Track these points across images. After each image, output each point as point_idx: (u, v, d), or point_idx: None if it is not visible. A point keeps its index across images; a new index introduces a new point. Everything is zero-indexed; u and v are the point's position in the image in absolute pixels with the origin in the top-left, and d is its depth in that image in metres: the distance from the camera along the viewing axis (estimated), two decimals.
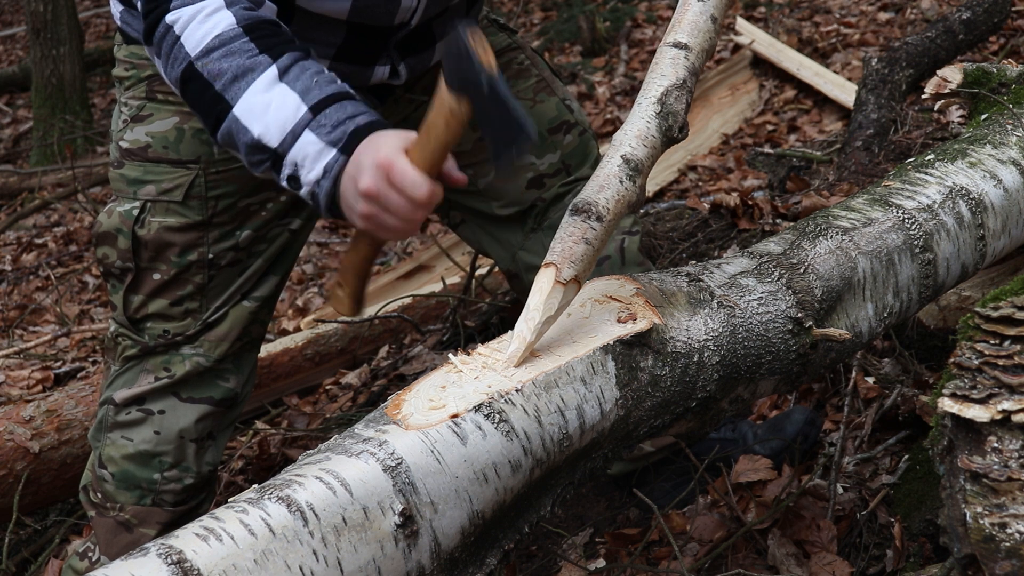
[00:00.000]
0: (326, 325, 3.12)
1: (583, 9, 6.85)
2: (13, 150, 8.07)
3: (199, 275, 1.79)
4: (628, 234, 1.94)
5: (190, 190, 1.76)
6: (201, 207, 1.76)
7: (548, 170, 1.94)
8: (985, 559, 1.09)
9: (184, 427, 1.83)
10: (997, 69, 1.82)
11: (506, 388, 1.00)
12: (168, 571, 0.81)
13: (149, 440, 1.83)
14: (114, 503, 1.86)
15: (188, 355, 1.82)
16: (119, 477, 1.85)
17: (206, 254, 1.78)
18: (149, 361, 1.83)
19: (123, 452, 1.84)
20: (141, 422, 1.83)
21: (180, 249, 1.77)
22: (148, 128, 1.77)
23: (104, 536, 1.88)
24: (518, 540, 1.07)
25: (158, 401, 1.83)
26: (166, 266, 1.78)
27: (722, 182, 4.30)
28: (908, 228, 1.39)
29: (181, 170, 1.76)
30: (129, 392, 1.83)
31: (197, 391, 1.84)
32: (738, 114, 5.20)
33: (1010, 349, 1.11)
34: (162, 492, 1.85)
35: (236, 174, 1.76)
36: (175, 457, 1.85)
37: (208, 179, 1.76)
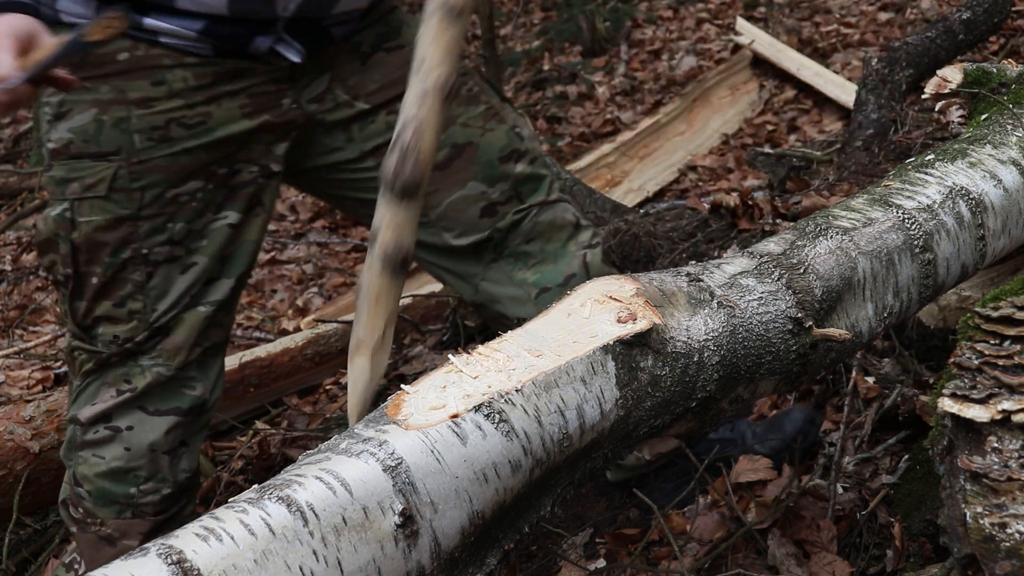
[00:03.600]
0: (326, 325, 3.12)
1: (583, 9, 6.85)
2: (13, 150, 8.07)
3: (136, 272, 1.74)
4: (589, 248, 1.93)
5: (113, 183, 1.70)
6: (127, 200, 1.71)
7: (500, 198, 1.90)
8: (985, 559, 1.09)
9: (154, 440, 1.80)
10: (997, 69, 1.82)
11: (506, 388, 1.00)
12: (168, 571, 0.81)
13: (120, 457, 1.80)
14: (95, 518, 1.84)
15: (147, 366, 1.78)
16: (96, 495, 1.83)
17: (140, 250, 1.73)
18: (108, 374, 1.79)
19: (96, 470, 1.81)
20: (110, 440, 1.80)
21: (113, 247, 1.72)
22: (69, 124, 1.72)
23: (88, 551, 1.87)
24: (518, 540, 1.07)
25: (125, 417, 1.79)
26: (101, 267, 1.73)
27: (722, 182, 4.30)
28: (908, 228, 1.39)
29: (103, 163, 1.70)
30: (94, 409, 1.79)
31: (164, 403, 1.81)
32: (738, 114, 5.20)
33: (1010, 349, 1.11)
34: (141, 505, 1.83)
35: (161, 163, 1.72)
36: (149, 470, 1.82)
37: (131, 170, 1.71)
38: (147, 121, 1.69)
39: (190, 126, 1.72)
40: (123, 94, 1.69)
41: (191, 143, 1.72)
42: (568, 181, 3.53)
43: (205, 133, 1.73)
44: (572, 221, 1.95)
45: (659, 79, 6.05)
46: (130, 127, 1.69)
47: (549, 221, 1.92)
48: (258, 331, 3.74)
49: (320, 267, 4.64)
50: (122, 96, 1.69)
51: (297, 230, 5.22)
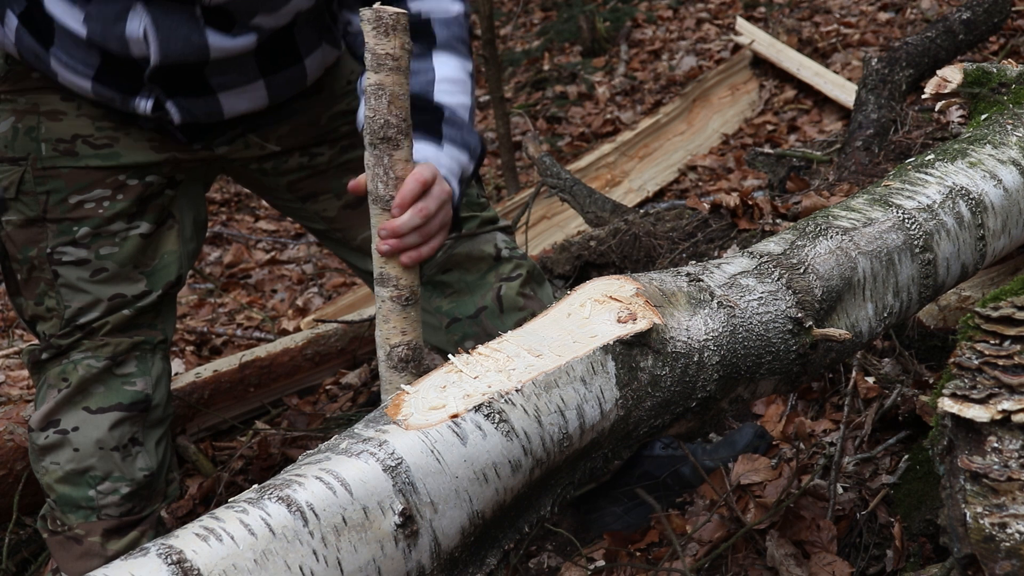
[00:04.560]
0: (326, 325, 3.12)
1: (583, 9, 6.85)
2: None
3: (44, 271, 1.83)
4: (506, 280, 1.94)
5: (21, 186, 1.80)
6: (33, 203, 1.80)
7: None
8: (985, 559, 1.09)
9: (100, 438, 1.85)
10: (997, 69, 1.82)
11: (506, 388, 1.00)
12: (168, 571, 0.81)
13: (72, 459, 1.85)
14: (64, 525, 1.89)
15: (78, 360, 1.85)
16: (60, 502, 1.88)
17: (45, 249, 1.81)
18: (49, 375, 1.87)
19: (55, 477, 1.87)
20: (60, 444, 1.85)
21: (22, 244, 1.82)
22: None
23: (59, 552, 1.92)
24: (518, 540, 1.07)
25: (70, 418, 1.85)
26: (19, 265, 1.84)
27: (722, 182, 4.30)
28: (908, 228, 1.39)
29: (14, 167, 1.80)
30: (41, 412, 1.86)
31: (104, 400, 1.86)
32: (738, 114, 5.20)
33: (1010, 349, 1.11)
34: (103, 507, 1.88)
35: (64, 172, 1.80)
36: (103, 469, 1.86)
37: (35, 175, 1.79)
38: (55, 132, 1.79)
39: (96, 146, 1.80)
40: (35, 106, 1.79)
41: (95, 162, 1.80)
42: (568, 181, 3.53)
43: (111, 157, 1.81)
44: (492, 253, 1.95)
45: (659, 79, 6.05)
46: (39, 136, 1.78)
47: (466, 253, 1.94)
48: (258, 331, 3.74)
49: (320, 267, 4.64)
50: (35, 107, 1.78)
51: (297, 230, 5.21)
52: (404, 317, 1.33)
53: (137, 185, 1.83)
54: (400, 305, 1.32)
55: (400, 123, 1.30)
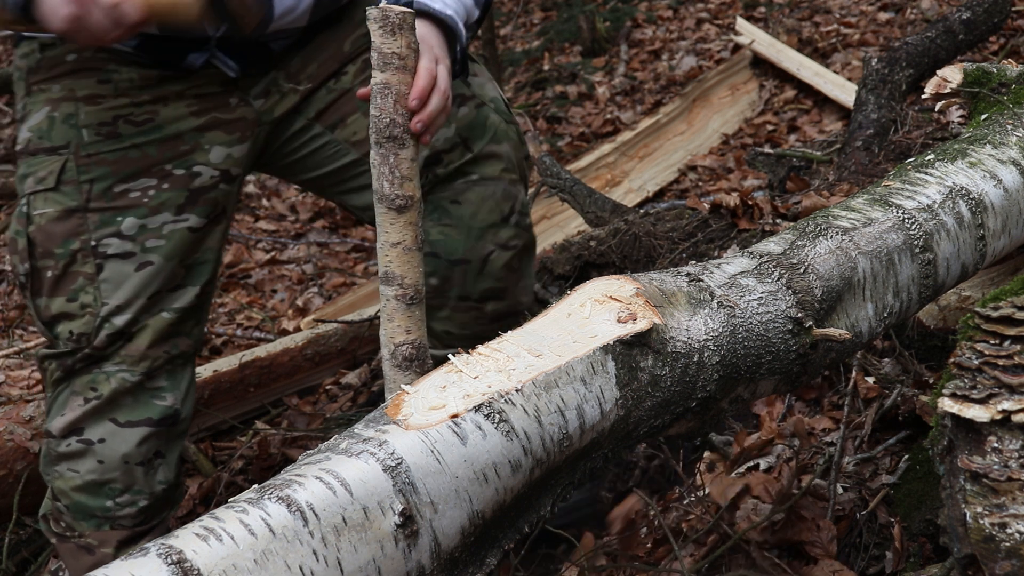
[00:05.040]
0: (326, 325, 3.12)
1: (583, 9, 6.85)
2: (13, 150, 8.06)
3: (86, 265, 1.76)
4: (500, 247, 1.92)
5: (62, 175, 1.74)
6: (75, 192, 1.75)
7: (444, 145, 1.89)
8: (985, 559, 1.09)
9: (127, 452, 1.80)
10: (997, 69, 1.82)
11: (506, 388, 1.00)
12: (168, 571, 0.81)
13: (95, 470, 1.80)
14: (74, 531, 1.84)
15: (112, 372, 1.78)
16: (73, 508, 1.83)
17: (88, 241, 1.75)
18: (75, 382, 1.79)
19: (72, 484, 1.81)
20: (83, 453, 1.80)
21: (62, 238, 1.75)
22: (29, 124, 1.78)
23: (69, 560, 1.88)
24: (518, 540, 1.07)
25: (96, 429, 1.79)
26: (54, 260, 1.75)
27: (722, 182, 4.30)
28: (908, 228, 1.39)
29: (53, 157, 1.75)
30: (64, 420, 1.79)
31: (134, 414, 1.80)
32: (738, 114, 5.20)
33: (1010, 349, 1.11)
34: (118, 517, 1.83)
35: (108, 157, 1.75)
36: (124, 483, 1.82)
37: (79, 163, 1.74)
38: (95, 117, 1.74)
39: (138, 123, 1.76)
40: (72, 91, 1.75)
41: (139, 139, 1.76)
42: (568, 181, 3.53)
43: (154, 130, 1.76)
44: (504, 213, 1.92)
45: (659, 79, 6.05)
46: (79, 122, 1.74)
47: (484, 195, 1.90)
48: (258, 331, 3.74)
49: (320, 267, 4.64)
50: (71, 93, 1.75)
51: (297, 230, 5.21)
52: (408, 316, 1.33)
53: (184, 175, 1.79)
54: (404, 304, 1.32)
55: (406, 122, 1.30)
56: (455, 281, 1.93)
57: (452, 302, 1.95)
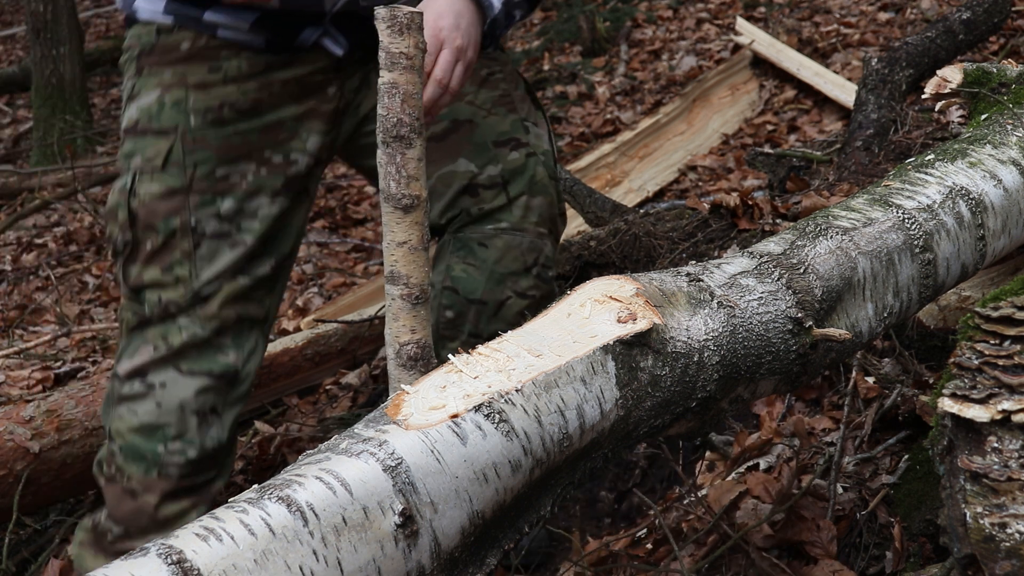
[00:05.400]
0: (326, 325, 3.12)
1: (583, 9, 6.85)
2: (13, 150, 8.07)
3: (184, 241, 1.86)
4: (518, 296, 1.97)
5: (169, 156, 1.85)
6: (180, 173, 1.85)
7: (485, 181, 1.95)
8: (985, 559, 1.09)
9: (184, 398, 1.88)
10: (997, 69, 1.81)
11: (506, 388, 1.00)
12: (168, 571, 0.81)
13: (151, 412, 1.89)
14: (123, 474, 1.93)
15: (184, 326, 1.88)
16: (126, 449, 1.91)
17: (188, 220, 1.85)
18: (148, 331, 1.90)
19: (128, 425, 1.90)
20: (144, 395, 1.89)
21: (165, 215, 1.85)
22: (138, 104, 1.88)
23: (112, 501, 1.96)
24: (518, 540, 1.07)
25: (159, 374, 1.89)
26: (155, 234, 1.86)
27: (722, 182, 4.30)
28: (908, 228, 1.39)
29: (161, 139, 1.85)
30: (131, 364, 1.90)
31: (196, 363, 1.89)
32: (738, 114, 5.20)
33: (1010, 349, 1.11)
34: (167, 464, 1.91)
35: (212, 142, 1.85)
36: (177, 429, 1.90)
37: (184, 145, 1.84)
38: (203, 103, 1.84)
39: (242, 111, 1.86)
40: (183, 78, 1.85)
41: (242, 126, 1.86)
42: (568, 181, 3.53)
43: (256, 117, 1.87)
44: (527, 264, 1.98)
45: (659, 79, 6.05)
46: (187, 107, 1.84)
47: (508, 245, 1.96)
48: None
49: (320, 267, 4.64)
50: (182, 80, 1.85)
51: None
52: (414, 315, 1.33)
53: (281, 162, 1.89)
54: (410, 303, 1.33)
55: (413, 122, 1.31)
56: (469, 319, 1.98)
57: (464, 336, 2.01)
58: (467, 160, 1.94)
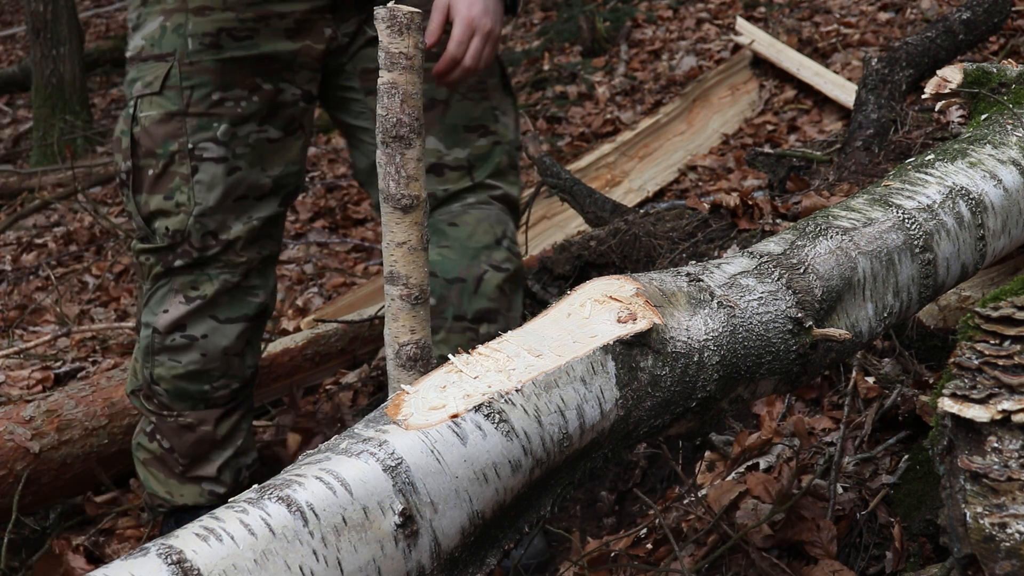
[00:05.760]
0: (326, 325, 3.12)
1: (583, 9, 6.85)
2: (13, 150, 8.06)
3: (183, 166, 1.92)
4: (494, 269, 2.01)
5: (166, 80, 1.90)
6: (177, 97, 1.90)
7: (452, 162, 2.03)
8: (985, 559, 1.09)
9: (227, 345, 2.02)
10: (997, 69, 1.81)
11: (506, 388, 1.00)
12: (168, 571, 0.81)
13: (197, 361, 2.02)
14: (171, 411, 2.06)
15: (214, 274, 1.98)
16: (173, 392, 2.04)
17: (186, 144, 1.91)
18: (175, 280, 1.99)
19: (174, 372, 2.02)
20: (187, 347, 2.01)
21: (163, 139, 1.91)
22: (142, 32, 1.94)
23: (171, 435, 2.09)
24: (518, 540, 1.07)
25: (198, 325, 2.00)
26: (154, 159, 1.92)
27: (722, 182, 4.30)
28: (908, 228, 1.39)
29: (160, 63, 1.91)
30: (167, 317, 1.99)
31: (233, 311, 2.02)
32: (738, 114, 5.20)
33: (1010, 349, 1.11)
34: (214, 398, 2.06)
35: (208, 66, 1.91)
36: (222, 370, 2.04)
37: (182, 70, 1.90)
38: (201, 27, 1.90)
39: (238, 38, 1.91)
40: (184, 3, 1.90)
41: (238, 53, 1.92)
42: (568, 181, 3.53)
43: (251, 47, 1.92)
44: (497, 235, 2.03)
45: (659, 79, 6.05)
46: (186, 32, 1.90)
47: (477, 219, 2.03)
48: None
49: (320, 267, 4.64)
50: (183, 5, 1.90)
51: (297, 230, 5.22)
52: (413, 316, 1.33)
53: (271, 90, 1.96)
54: (409, 303, 1.33)
55: (412, 122, 1.31)
56: (451, 300, 2.01)
57: (448, 323, 2.02)
58: (436, 139, 2.01)
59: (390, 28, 1.28)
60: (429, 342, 1.36)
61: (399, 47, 1.28)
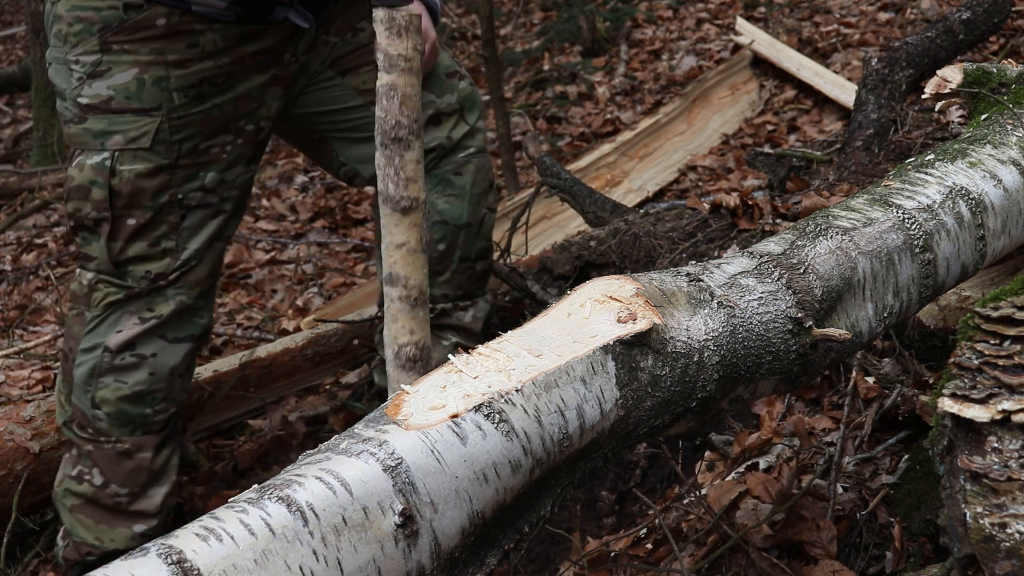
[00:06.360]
0: (326, 325, 3.11)
1: (583, 9, 6.85)
2: (13, 150, 8.06)
3: (171, 215, 1.95)
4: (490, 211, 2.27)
5: (156, 136, 1.90)
6: (167, 151, 1.92)
7: (446, 108, 2.20)
8: (985, 559, 1.09)
9: (175, 365, 2.04)
10: (997, 69, 1.81)
11: (506, 388, 1.00)
12: (168, 571, 0.81)
13: (144, 381, 2.02)
14: (108, 437, 2.04)
15: (171, 295, 2.00)
16: (114, 416, 2.03)
17: (176, 195, 1.94)
18: (132, 304, 2.00)
19: (119, 394, 2.02)
20: (136, 366, 2.01)
21: (152, 193, 1.93)
22: (108, 82, 1.89)
23: (107, 465, 2.07)
24: (518, 540, 1.07)
25: (149, 345, 2.01)
26: (140, 211, 1.94)
27: (722, 182, 4.30)
28: (908, 228, 1.39)
29: (146, 118, 1.90)
30: (120, 337, 2.00)
31: (181, 331, 2.04)
32: (738, 114, 5.20)
33: (1010, 349, 1.11)
34: (153, 422, 2.05)
35: (196, 118, 1.93)
36: (165, 392, 2.05)
37: (171, 124, 1.91)
38: (184, 80, 1.90)
39: (217, 84, 1.94)
40: (162, 56, 1.88)
41: (219, 99, 1.94)
42: (568, 181, 3.53)
43: (228, 90, 1.95)
44: (489, 179, 2.26)
45: (659, 79, 6.05)
46: (169, 86, 1.90)
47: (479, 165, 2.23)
48: (258, 331, 3.74)
49: (320, 267, 4.64)
50: (161, 58, 1.89)
51: (297, 230, 5.21)
52: (412, 317, 1.33)
53: (253, 130, 2.01)
54: (409, 305, 1.33)
55: (411, 124, 1.31)
56: (459, 244, 2.23)
57: (455, 264, 2.25)
58: (428, 92, 2.11)
59: (389, 30, 1.28)
60: (428, 343, 1.36)
61: (398, 49, 1.28)
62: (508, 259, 3.21)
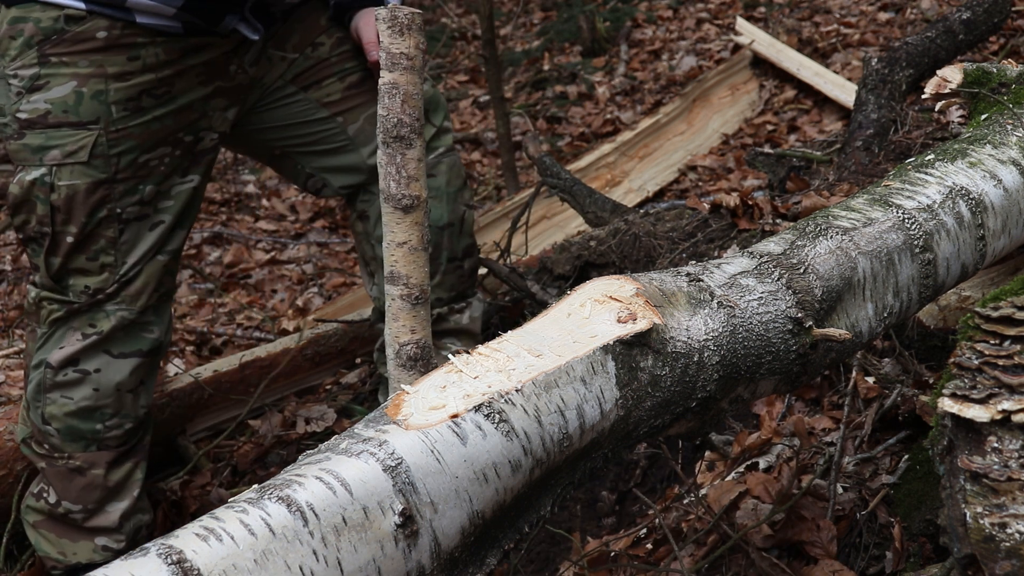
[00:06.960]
0: (326, 325, 3.11)
1: (583, 9, 6.85)
2: None
3: (110, 230, 1.93)
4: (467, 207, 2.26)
5: (94, 150, 1.87)
6: (105, 165, 1.89)
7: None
8: (985, 559, 1.09)
9: (120, 381, 2.01)
10: (997, 69, 1.81)
11: (506, 388, 1.00)
12: (168, 571, 0.81)
13: (89, 397, 2.00)
14: (62, 453, 2.03)
15: (112, 311, 1.98)
16: (64, 432, 2.01)
17: (114, 209, 1.92)
18: (75, 320, 1.98)
19: (65, 410, 2.00)
20: (79, 382, 1.99)
21: (91, 207, 1.90)
22: (46, 95, 1.85)
23: (59, 483, 2.06)
24: (518, 540, 1.07)
25: (92, 360, 1.99)
26: (77, 227, 1.91)
27: (722, 182, 4.30)
28: (908, 228, 1.39)
29: (83, 132, 1.86)
30: (62, 353, 1.98)
31: (127, 346, 2.01)
32: (738, 114, 5.20)
33: (1010, 349, 1.11)
34: (106, 439, 2.03)
35: (134, 131, 1.90)
36: (115, 408, 2.02)
37: (109, 138, 1.87)
38: (123, 93, 1.87)
39: (158, 96, 1.91)
40: (102, 68, 1.85)
41: (159, 111, 1.91)
42: (568, 181, 3.53)
43: (170, 101, 1.92)
44: (463, 177, 2.27)
45: (659, 79, 6.05)
46: (108, 99, 1.86)
47: (451, 164, 2.23)
48: (258, 331, 3.74)
49: (320, 267, 4.64)
50: (101, 71, 1.85)
51: (297, 230, 5.21)
52: (413, 315, 1.33)
53: (191, 141, 1.99)
54: (410, 303, 1.33)
55: (413, 122, 1.31)
56: (444, 245, 2.22)
57: (444, 266, 2.25)
58: None
59: (391, 29, 1.27)
60: (429, 342, 1.36)
61: (400, 47, 1.28)
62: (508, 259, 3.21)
